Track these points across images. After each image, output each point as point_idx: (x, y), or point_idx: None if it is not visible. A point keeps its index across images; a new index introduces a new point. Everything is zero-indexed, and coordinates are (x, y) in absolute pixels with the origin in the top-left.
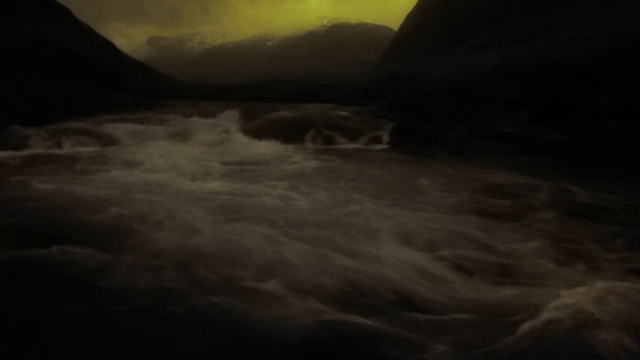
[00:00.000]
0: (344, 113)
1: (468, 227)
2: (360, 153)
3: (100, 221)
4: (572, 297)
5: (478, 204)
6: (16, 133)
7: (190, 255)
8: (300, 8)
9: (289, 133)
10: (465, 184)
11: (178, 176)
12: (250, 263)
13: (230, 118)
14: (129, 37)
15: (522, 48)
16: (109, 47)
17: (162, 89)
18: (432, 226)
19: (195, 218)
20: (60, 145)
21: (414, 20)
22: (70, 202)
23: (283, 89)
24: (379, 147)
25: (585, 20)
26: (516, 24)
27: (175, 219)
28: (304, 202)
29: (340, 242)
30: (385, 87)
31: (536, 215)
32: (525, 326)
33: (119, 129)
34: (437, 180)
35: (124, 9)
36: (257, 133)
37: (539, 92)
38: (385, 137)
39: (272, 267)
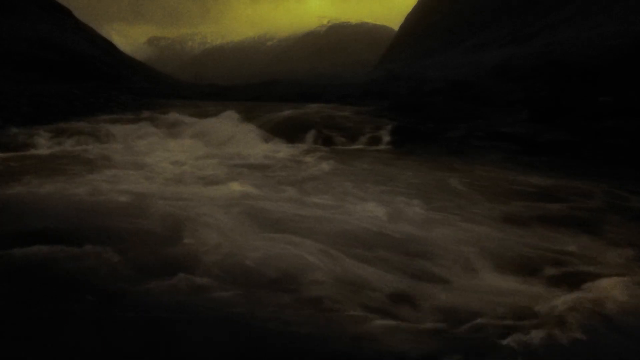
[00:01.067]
0: (345, 113)
1: (544, 240)
2: (367, 153)
3: (104, 222)
4: None
5: (528, 210)
6: (16, 133)
7: (239, 268)
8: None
9: (291, 133)
10: (500, 187)
11: (185, 178)
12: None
13: (231, 118)
14: (129, 37)
15: (522, 48)
16: (109, 47)
17: (162, 89)
18: (504, 239)
19: (225, 224)
20: (61, 145)
21: (414, 20)
22: (70, 201)
23: (283, 89)
24: (380, 147)
25: (585, 20)
26: (516, 24)
27: (199, 225)
28: (342, 209)
29: (403, 259)
30: (385, 87)
31: (609, 222)
32: None
33: (120, 129)
34: (465, 183)
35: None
36: (258, 133)
37: (539, 92)
38: (387, 137)
39: (350, 293)
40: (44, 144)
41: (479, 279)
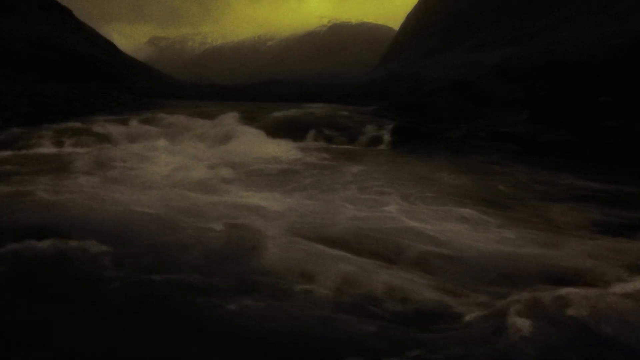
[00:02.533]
0: (346, 113)
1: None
2: (370, 153)
3: (104, 222)
4: None
5: (532, 212)
6: (17, 133)
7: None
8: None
9: (292, 133)
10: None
11: (185, 181)
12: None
13: (232, 118)
14: (130, 37)
15: (523, 48)
16: (109, 47)
17: (162, 89)
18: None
19: (255, 231)
20: (61, 145)
21: (414, 19)
22: (70, 202)
23: (284, 89)
24: (381, 147)
25: (585, 20)
26: (517, 23)
27: (224, 231)
28: (384, 214)
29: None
30: (385, 86)
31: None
32: None
33: (120, 129)
34: (505, 185)
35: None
36: (259, 133)
37: (539, 92)
38: (387, 137)
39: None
40: (44, 144)
41: None
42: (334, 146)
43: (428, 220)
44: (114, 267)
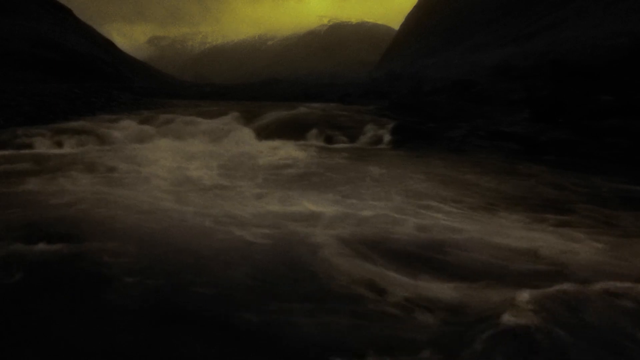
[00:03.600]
0: (346, 112)
1: None
2: (371, 152)
3: (103, 222)
4: None
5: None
6: (17, 132)
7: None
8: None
9: (292, 132)
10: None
11: (185, 183)
12: None
13: (232, 118)
14: (130, 37)
15: (523, 47)
16: (110, 46)
17: (163, 89)
18: None
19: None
20: (62, 144)
21: (414, 19)
22: (71, 201)
23: (284, 89)
24: (381, 146)
25: (586, 20)
26: (517, 23)
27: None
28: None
29: None
30: (386, 86)
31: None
32: None
33: (121, 129)
34: (550, 189)
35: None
36: (260, 133)
37: (540, 91)
38: (388, 136)
39: None
40: (44, 144)
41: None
42: (335, 145)
43: (494, 228)
44: (113, 267)
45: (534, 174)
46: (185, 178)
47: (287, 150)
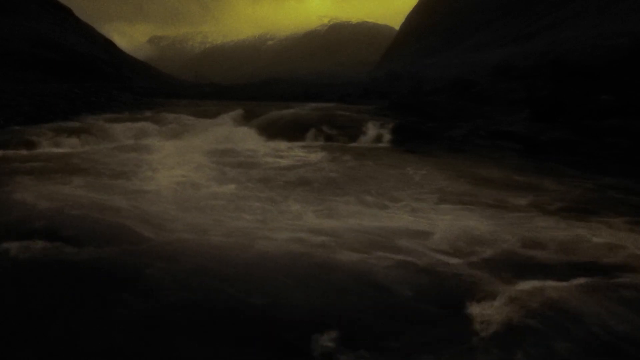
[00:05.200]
0: (346, 112)
1: None
2: (381, 152)
3: (103, 222)
4: None
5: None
6: (17, 132)
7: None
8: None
9: (293, 132)
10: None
11: (187, 184)
12: None
13: (233, 118)
14: (130, 37)
15: (523, 47)
16: (110, 46)
17: (163, 89)
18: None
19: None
20: (62, 144)
21: (415, 19)
22: (71, 201)
23: (284, 88)
24: (382, 145)
25: (586, 20)
26: (517, 23)
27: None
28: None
29: None
30: (386, 86)
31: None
32: None
33: (121, 128)
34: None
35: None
36: (261, 133)
37: (540, 91)
38: (388, 136)
39: None
40: (44, 143)
41: None
42: (335, 144)
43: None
44: (112, 267)
45: (529, 173)
46: (185, 178)
47: (287, 150)
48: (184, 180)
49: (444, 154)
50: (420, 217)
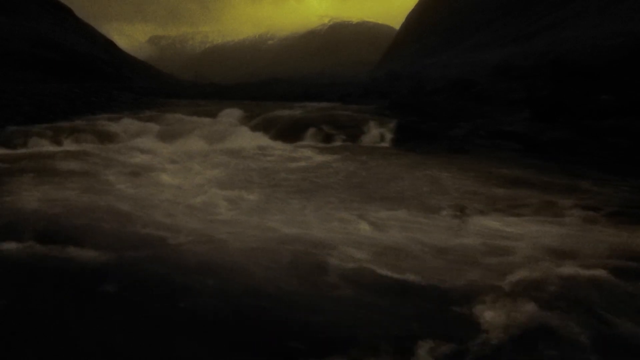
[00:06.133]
0: (347, 112)
1: None
2: (382, 152)
3: (103, 222)
4: None
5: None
6: (17, 132)
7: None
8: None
9: (294, 132)
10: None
11: (187, 184)
12: None
13: (233, 118)
14: (130, 36)
15: (524, 47)
16: (110, 46)
17: (163, 88)
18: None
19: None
20: (62, 144)
21: (415, 19)
22: (71, 201)
23: (284, 88)
24: (382, 145)
25: (586, 20)
26: (517, 23)
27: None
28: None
29: None
30: (386, 86)
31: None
32: None
33: (121, 128)
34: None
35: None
36: (261, 133)
37: (540, 91)
38: (389, 136)
39: None
40: (44, 143)
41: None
42: (335, 144)
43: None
44: (111, 267)
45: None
46: (185, 178)
47: (288, 150)
48: (184, 180)
49: (449, 154)
50: (488, 227)
